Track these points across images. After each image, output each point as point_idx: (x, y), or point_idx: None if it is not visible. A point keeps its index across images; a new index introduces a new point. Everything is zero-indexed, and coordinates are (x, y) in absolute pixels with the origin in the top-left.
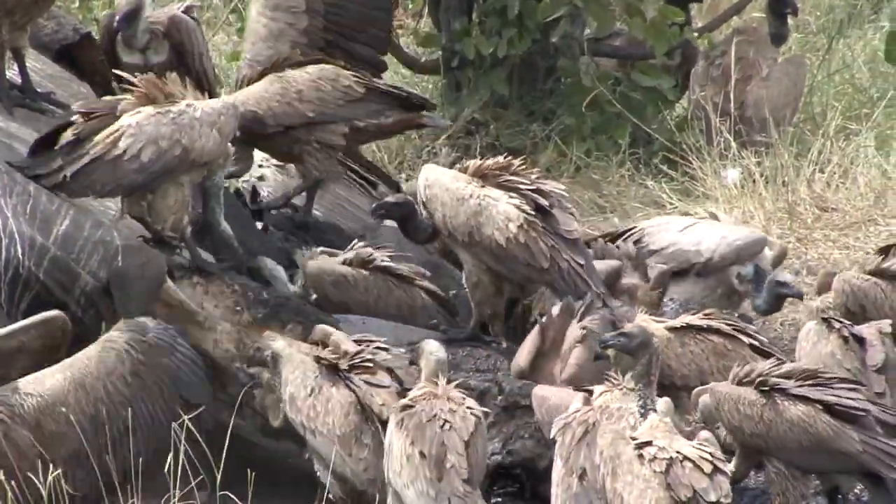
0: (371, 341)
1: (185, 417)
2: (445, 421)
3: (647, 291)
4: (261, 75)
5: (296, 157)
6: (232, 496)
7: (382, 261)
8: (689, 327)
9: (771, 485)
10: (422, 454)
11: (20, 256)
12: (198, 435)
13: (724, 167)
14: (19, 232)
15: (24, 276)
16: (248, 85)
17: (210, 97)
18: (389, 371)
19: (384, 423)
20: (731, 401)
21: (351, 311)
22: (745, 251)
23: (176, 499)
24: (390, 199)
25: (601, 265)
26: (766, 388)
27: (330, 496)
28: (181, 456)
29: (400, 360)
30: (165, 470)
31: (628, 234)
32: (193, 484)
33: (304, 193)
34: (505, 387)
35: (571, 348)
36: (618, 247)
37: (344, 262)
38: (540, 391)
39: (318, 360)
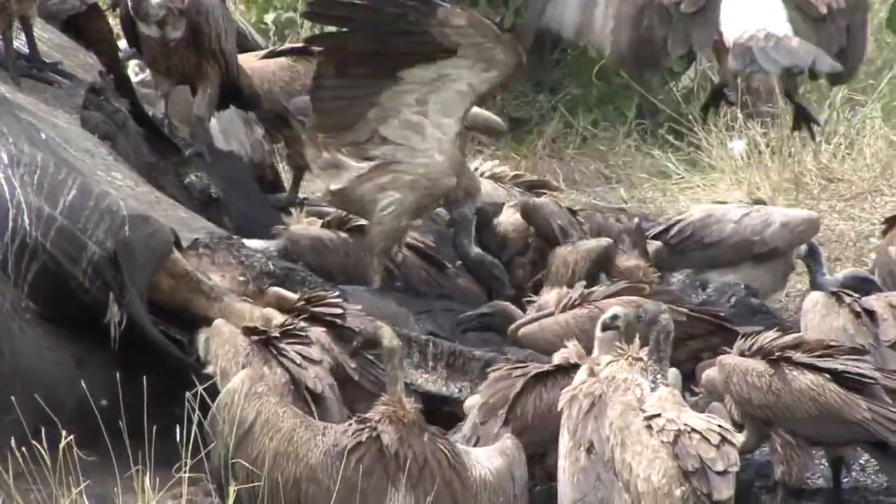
0: (322, 297)
1: (200, 387)
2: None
3: (646, 272)
4: (279, 54)
5: (285, 139)
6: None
7: (357, 220)
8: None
9: (774, 454)
10: None
11: (27, 227)
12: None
13: (731, 138)
14: (26, 202)
15: (30, 246)
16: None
17: (227, 77)
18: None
19: (317, 399)
20: (739, 372)
21: (332, 276)
22: (806, 234)
23: (187, 468)
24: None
25: (594, 244)
26: (774, 359)
27: None
28: (194, 426)
29: (358, 318)
30: (178, 439)
31: (673, 227)
32: (203, 453)
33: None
34: (511, 358)
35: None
36: (620, 221)
37: (323, 226)
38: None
39: (247, 332)
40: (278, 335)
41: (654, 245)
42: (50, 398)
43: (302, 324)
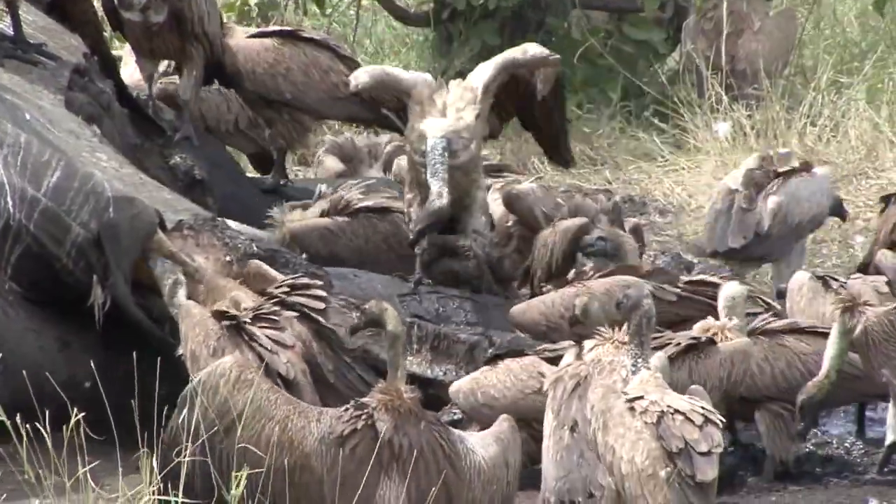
0: (308, 286)
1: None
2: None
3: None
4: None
5: (266, 120)
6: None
7: (358, 201)
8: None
9: (763, 430)
10: None
11: (10, 209)
12: None
13: (716, 120)
14: (10, 183)
15: (14, 228)
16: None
17: (212, 58)
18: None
19: (289, 384)
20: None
21: (343, 261)
22: None
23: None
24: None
25: (570, 223)
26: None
27: None
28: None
29: (340, 315)
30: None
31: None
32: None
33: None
34: (496, 339)
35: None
36: (597, 202)
37: (321, 215)
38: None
39: (217, 316)
40: (250, 319)
41: (631, 223)
42: (35, 381)
43: (274, 307)
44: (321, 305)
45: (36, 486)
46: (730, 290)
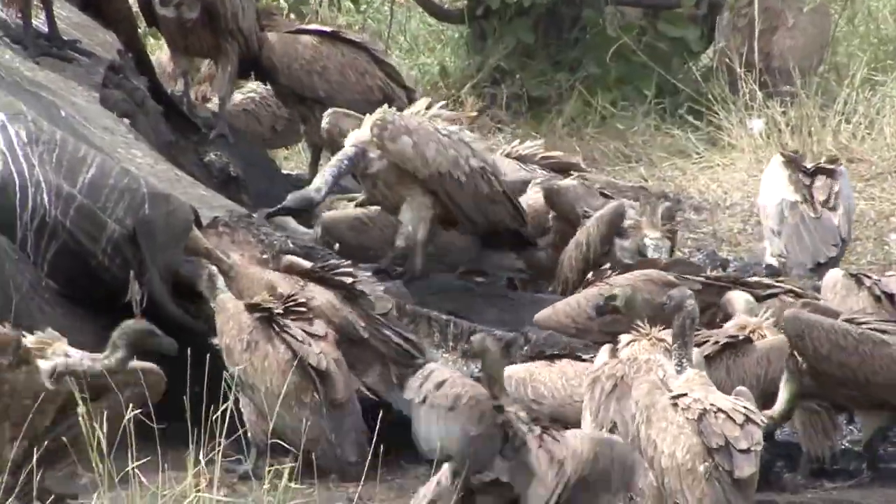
0: (336, 266)
1: (236, 367)
2: None
3: (653, 223)
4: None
5: (301, 116)
6: (282, 443)
7: None
8: None
9: (801, 429)
10: None
11: (46, 206)
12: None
13: (750, 117)
14: (45, 180)
15: (50, 224)
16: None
17: (248, 53)
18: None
19: (323, 375)
20: (820, 329)
21: (373, 252)
22: None
23: (220, 447)
24: None
25: (604, 209)
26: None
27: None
28: (230, 405)
29: (369, 285)
30: (213, 418)
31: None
32: (241, 432)
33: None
34: (531, 336)
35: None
36: (627, 196)
37: (356, 206)
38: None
39: (250, 309)
40: (281, 311)
41: (664, 205)
42: None
43: (304, 299)
44: (349, 280)
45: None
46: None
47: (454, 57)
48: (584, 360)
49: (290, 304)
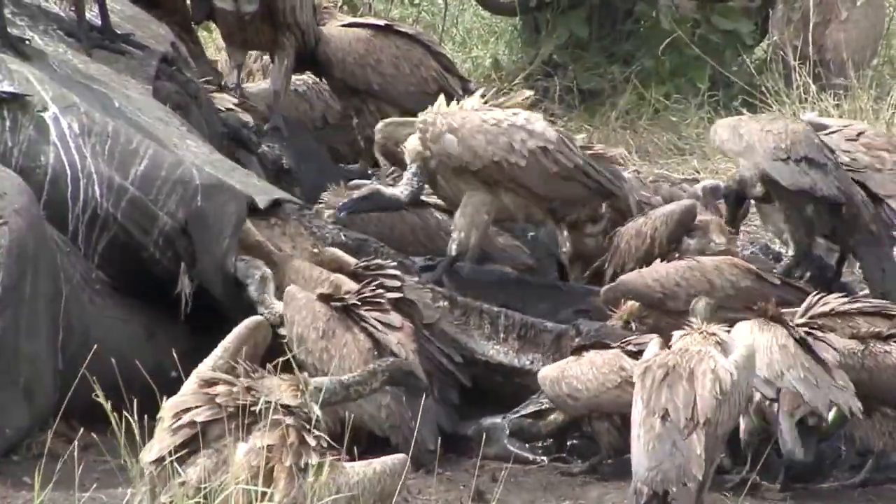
0: (381, 266)
1: (289, 355)
2: None
3: (720, 225)
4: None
5: (354, 109)
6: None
7: None
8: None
9: (873, 429)
10: None
11: (98, 198)
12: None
13: (804, 110)
14: (97, 172)
15: (101, 217)
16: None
17: (304, 48)
18: (401, 303)
19: None
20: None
21: (404, 246)
22: None
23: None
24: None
25: (674, 206)
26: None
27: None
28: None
29: (416, 292)
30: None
31: None
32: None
33: None
34: (583, 329)
35: None
36: (684, 189)
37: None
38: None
39: (324, 299)
40: (357, 302)
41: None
42: (121, 369)
43: (379, 290)
44: (396, 283)
45: (125, 472)
46: None
47: (507, 50)
48: (611, 348)
49: (367, 295)
